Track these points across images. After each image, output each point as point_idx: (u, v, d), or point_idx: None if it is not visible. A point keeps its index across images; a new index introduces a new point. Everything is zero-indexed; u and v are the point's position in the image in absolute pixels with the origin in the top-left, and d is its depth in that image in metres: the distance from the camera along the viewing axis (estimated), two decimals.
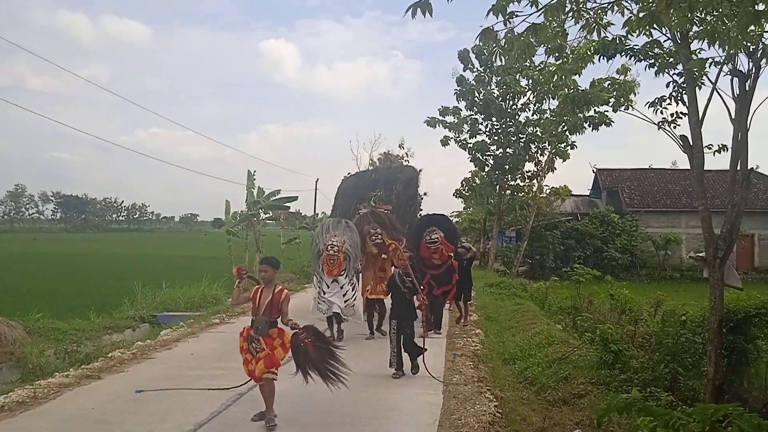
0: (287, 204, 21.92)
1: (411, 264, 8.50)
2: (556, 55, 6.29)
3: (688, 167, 6.71)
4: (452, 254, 10.99)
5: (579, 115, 24.21)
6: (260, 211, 20.72)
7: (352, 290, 10.35)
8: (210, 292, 15.26)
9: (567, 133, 26.23)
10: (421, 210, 14.42)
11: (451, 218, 15.72)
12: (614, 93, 10.30)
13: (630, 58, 7.06)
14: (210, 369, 8.26)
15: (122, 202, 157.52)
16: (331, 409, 6.40)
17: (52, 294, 15.94)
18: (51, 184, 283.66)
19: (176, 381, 7.49)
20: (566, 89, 18.11)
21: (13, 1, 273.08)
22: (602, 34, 5.66)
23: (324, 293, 10.15)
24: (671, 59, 6.74)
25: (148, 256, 36.45)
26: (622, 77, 13.99)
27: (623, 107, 8.72)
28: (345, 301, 10.17)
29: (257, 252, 20.38)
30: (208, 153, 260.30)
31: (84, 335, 9.79)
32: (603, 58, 7.30)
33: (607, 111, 22.58)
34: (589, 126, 24.77)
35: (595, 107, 19.74)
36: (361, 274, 11.02)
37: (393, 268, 9.25)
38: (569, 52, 7.60)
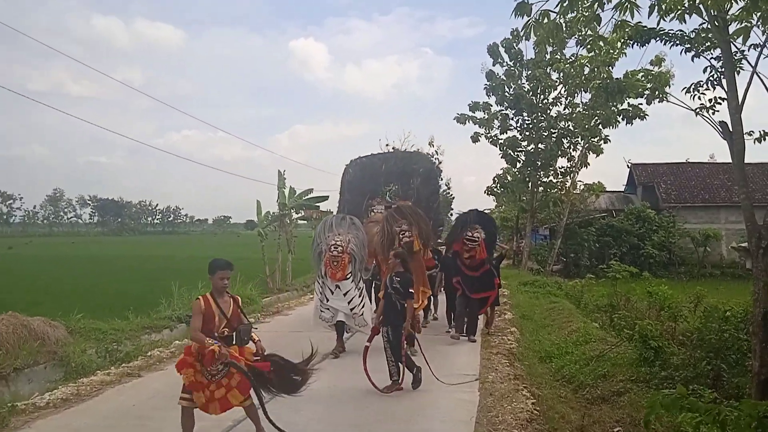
0: (317, 204, 22.00)
1: (402, 261, 7.51)
2: (590, 40, 6.14)
3: (727, 161, 6.54)
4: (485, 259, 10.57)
5: (612, 108, 23.84)
6: (292, 211, 20.82)
7: (359, 296, 9.32)
8: (244, 292, 15.37)
9: (600, 126, 25.83)
10: (452, 209, 13.52)
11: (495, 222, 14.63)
12: (648, 85, 10.05)
13: (665, 43, 6.86)
14: None
15: (156, 205, 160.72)
16: (365, 406, 6.42)
17: (91, 295, 16.29)
18: (88, 188, 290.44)
19: None
20: (598, 81, 17.86)
21: (50, 8, 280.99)
22: (635, 17, 5.51)
23: (327, 300, 9.21)
24: (708, 43, 6.55)
25: (183, 258, 37.00)
26: (656, 68, 13.68)
27: (658, 99, 8.52)
28: (351, 309, 9.16)
29: (289, 253, 20.52)
30: (239, 154, 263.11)
31: (123, 335, 9.95)
32: (636, 45, 7.13)
33: (641, 104, 22.18)
34: (622, 119, 24.34)
35: (629, 99, 19.39)
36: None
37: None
38: (602, 44, 7.44)
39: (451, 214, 25.60)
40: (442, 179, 32.38)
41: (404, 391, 7.00)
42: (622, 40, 7.32)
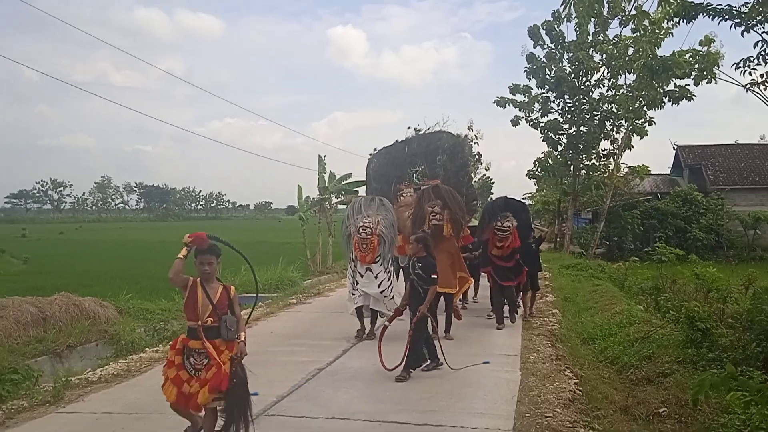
0: (356, 189, 22.12)
1: (424, 246, 7.30)
2: (633, 17, 5.99)
3: None
4: (517, 248, 10.07)
5: (658, 89, 23.16)
6: (332, 195, 20.98)
7: (388, 280, 9.00)
8: (286, 274, 15.66)
9: (645, 108, 25.16)
10: (492, 194, 13.06)
11: (529, 208, 13.64)
12: (696, 65, 9.66)
13: (712, 19, 6.60)
14: (289, 345, 8.52)
15: (200, 191, 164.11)
16: (406, 386, 6.46)
17: (139, 278, 16.75)
18: (134, 175, 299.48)
19: (258, 356, 7.71)
20: (643, 60, 17.37)
21: (95, 2, 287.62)
22: None
23: (357, 284, 8.95)
24: (759, 17, 6.30)
25: None
26: (705, 49, 13.19)
27: (706, 80, 8.24)
28: (381, 292, 8.82)
29: (329, 236, 20.71)
30: (279, 141, 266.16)
31: (170, 315, 10.25)
32: (682, 21, 6.90)
33: (688, 84, 21.48)
34: (668, 101, 23.64)
35: (675, 79, 18.78)
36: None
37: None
38: (646, 23, 7.24)
39: (491, 199, 25.36)
40: (478, 161, 31.78)
41: (445, 370, 7.02)
42: (667, 17, 7.10)
